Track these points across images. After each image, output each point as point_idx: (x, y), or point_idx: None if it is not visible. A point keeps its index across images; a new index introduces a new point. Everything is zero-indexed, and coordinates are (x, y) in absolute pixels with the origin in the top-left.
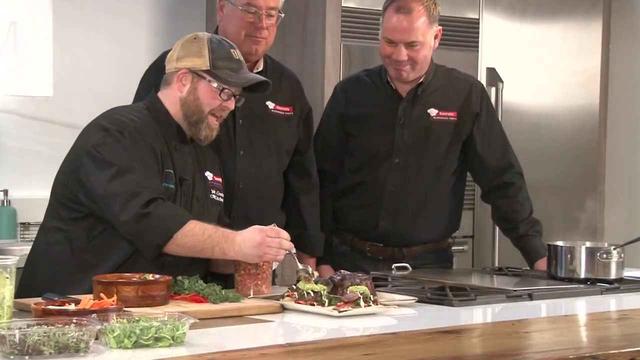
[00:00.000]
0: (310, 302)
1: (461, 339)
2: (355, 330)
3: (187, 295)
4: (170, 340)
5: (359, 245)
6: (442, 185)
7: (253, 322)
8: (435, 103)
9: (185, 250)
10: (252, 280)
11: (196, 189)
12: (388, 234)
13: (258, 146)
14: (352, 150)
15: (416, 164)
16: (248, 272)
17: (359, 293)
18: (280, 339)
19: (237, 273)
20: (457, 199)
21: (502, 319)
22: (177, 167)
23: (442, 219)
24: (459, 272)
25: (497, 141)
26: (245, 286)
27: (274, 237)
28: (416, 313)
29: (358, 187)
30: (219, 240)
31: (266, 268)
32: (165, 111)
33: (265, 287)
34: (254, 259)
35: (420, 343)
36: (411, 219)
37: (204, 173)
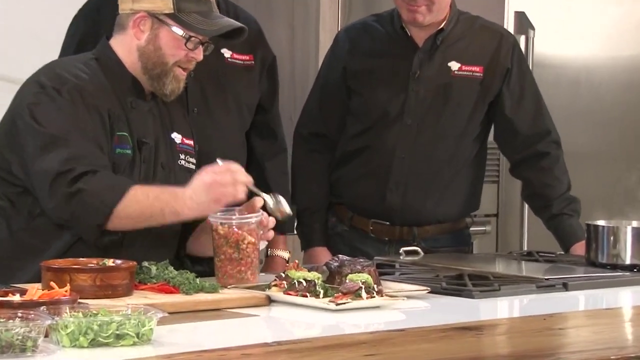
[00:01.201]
0: (302, 293)
1: (482, 337)
2: (355, 326)
3: (155, 284)
4: (134, 338)
5: (360, 224)
6: (463, 154)
7: (234, 316)
8: (458, 55)
9: (132, 222)
10: (234, 266)
11: (160, 154)
12: (396, 210)
13: (214, 102)
14: (356, 110)
15: (432, 127)
16: (229, 256)
17: (360, 282)
18: (266, 337)
19: (217, 258)
20: (478, 171)
21: (531, 313)
22: (134, 129)
23: (460, 193)
24: (480, 257)
25: (530, 103)
26: (226, 273)
27: (224, 173)
28: (428, 306)
29: (361, 153)
30: (168, 200)
31: (251, 251)
32: (118, 62)
33: (250, 273)
34: (212, 206)
35: (433, 342)
36: (424, 192)
37: (170, 135)
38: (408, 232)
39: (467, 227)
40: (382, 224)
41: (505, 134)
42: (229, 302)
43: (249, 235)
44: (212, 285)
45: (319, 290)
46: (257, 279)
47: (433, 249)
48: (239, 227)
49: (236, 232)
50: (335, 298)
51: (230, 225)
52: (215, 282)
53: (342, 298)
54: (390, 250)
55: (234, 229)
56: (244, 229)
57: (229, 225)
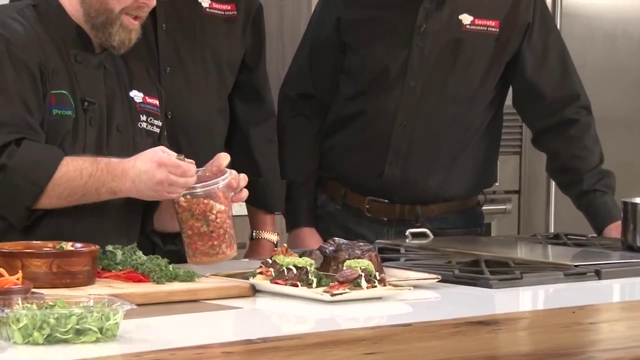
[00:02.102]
0: (292, 282)
1: (500, 333)
2: (354, 320)
3: (121, 271)
4: (97, 334)
5: (354, 202)
6: (474, 121)
7: (213, 309)
8: (470, 7)
9: (63, 202)
10: (205, 241)
11: (115, 116)
12: (395, 185)
13: (189, 60)
14: (351, 69)
15: (439, 90)
16: (197, 230)
17: (359, 269)
18: (250, 332)
19: (184, 234)
20: (493, 142)
21: (558, 306)
22: (78, 87)
23: (471, 167)
24: (499, 240)
25: (555, 63)
26: (197, 250)
27: (178, 174)
28: (439, 297)
29: (356, 119)
30: (104, 179)
31: (222, 221)
32: (60, 9)
33: (225, 246)
34: (153, 198)
35: (444, 338)
36: (429, 165)
37: (128, 93)
38: (410, 212)
39: (478, 205)
40: (379, 202)
41: (526, 99)
42: (207, 292)
43: (217, 203)
44: (187, 273)
45: (312, 279)
46: (234, 250)
47: (440, 230)
48: (205, 195)
49: (202, 202)
50: (331, 288)
51: (194, 195)
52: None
53: (338, 288)
54: (389, 232)
55: (198, 199)
56: (211, 196)
57: (192, 196)
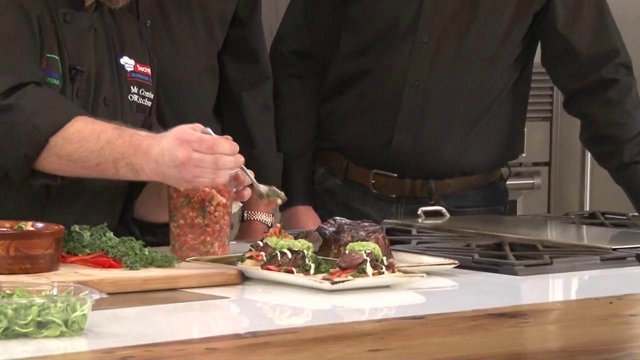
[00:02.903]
0: (286, 268)
1: (527, 326)
2: (358, 312)
3: (89, 255)
4: (61, 327)
5: (358, 176)
6: (497, 82)
7: (195, 298)
8: None
9: (70, 167)
10: (197, 235)
11: (103, 86)
12: (406, 156)
13: (173, 13)
14: (354, 22)
15: (455, 47)
16: (190, 221)
17: (364, 253)
18: (238, 326)
19: (173, 223)
20: (519, 106)
21: (593, 295)
22: (67, 51)
23: (494, 135)
24: (525, 220)
25: (591, 14)
26: (185, 244)
27: (205, 153)
28: (456, 285)
29: (360, 79)
30: (125, 151)
31: (220, 215)
32: None
33: (218, 246)
34: (180, 184)
35: (461, 333)
36: (444, 133)
37: (119, 59)
38: (422, 187)
39: (502, 180)
40: (387, 176)
41: (557, 56)
42: (188, 279)
43: (218, 193)
44: (165, 258)
45: (309, 264)
46: (227, 253)
47: (457, 209)
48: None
49: (202, 190)
50: (331, 275)
51: None
52: (171, 254)
53: (340, 275)
54: (398, 211)
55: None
56: (213, 185)
57: None
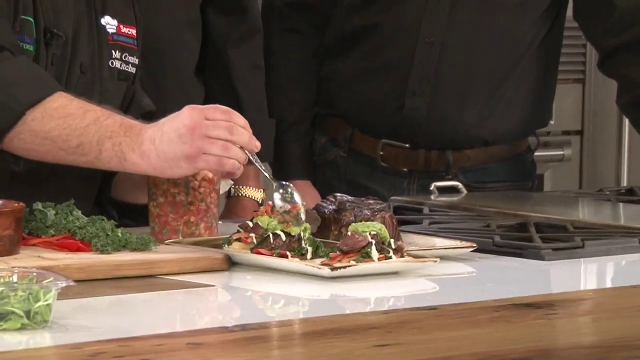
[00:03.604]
0: (279, 252)
1: (556, 318)
2: (361, 302)
3: (54, 237)
4: (22, 319)
5: (364, 146)
6: (523, 38)
7: (175, 287)
8: None
9: (44, 146)
10: (180, 215)
11: (79, 51)
12: (420, 123)
13: None
14: None
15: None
16: (172, 199)
17: (368, 235)
18: (225, 318)
19: (153, 202)
20: (548, 66)
21: (630, 283)
22: (42, 11)
23: (520, 99)
24: (553, 197)
25: None
26: (166, 226)
27: (219, 119)
28: (474, 272)
29: (367, 35)
30: (113, 130)
31: (207, 193)
32: None
33: (204, 227)
34: (180, 165)
35: (480, 326)
36: (463, 97)
37: (99, 20)
38: (439, 159)
39: (529, 151)
40: (398, 147)
41: (591, 8)
42: (167, 264)
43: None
44: (141, 240)
45: (306, 248)
46: (215, 235)
47: (478, 184)
48: None
49: None
50: (331, 259)
51: None
52: (149, 236)
53: (341, 259)
54: (410, 188)
55: None
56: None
57: None
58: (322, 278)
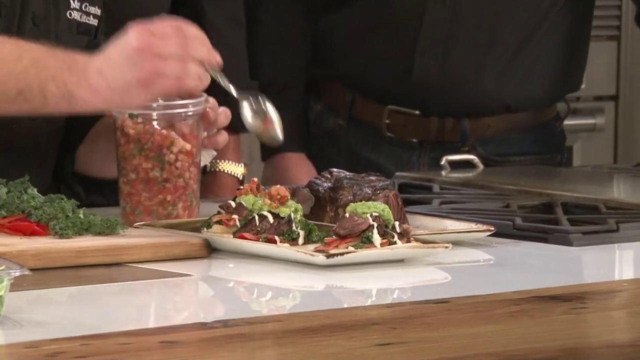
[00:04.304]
0: (266, 236)
1: (586, 313)
2: (361, 294)
3: (6, 219)
4: None
5: (367, 114)
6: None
7: (146, 277)
8: None
9: None
10: (154, 193)
11: (31, 0)
12: (431, 86)
13: None
14: None
15: None
16: (145, 175)
17: (369, 217)
18: (203, 313)
19: (123, 178)
20: (578, 23)
21: None
22: None
23: (546, 60)
24: (584, 172)
25: None
26: (138, 206)
27: (168, 34)
28: (491, 259)
29: None
30: (57, 68)
31: (185, 167)
32: None
33: (182, 207)
34: (134, 94)
35: (499, 322)
36: (481, 57)
37: None
38: (453, 129)
39: (558, 119)
40: (406, 114)
41: None
42: (137, 251)
43: (181, 138)
44: (106, 222)
45: (297, 231)
46: (195, 213)
47: (498, 158)
48: (164, 122)
49: (158, 133)
50: (327, 245)
51: (149, 120)
52: (117, 217)
53: (338, 245)
54: (421, 161)
55: (153, 125)
56: (174, 126)
57: (146, 120)
58: (316, 267)
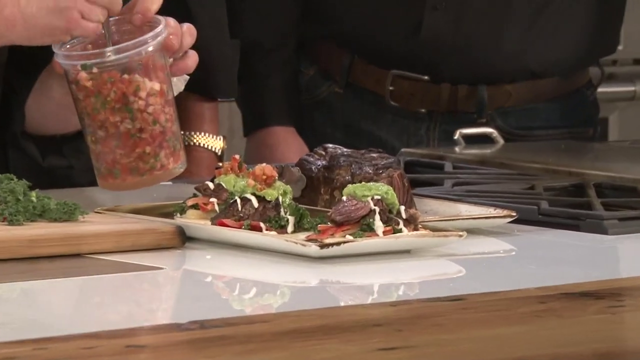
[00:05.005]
0: (251, 223)
1: (623, 312)
2: (361, 291)
3: None
4: None
5: (368, 79)
6: None
7: (110, 269)
8: None
9: None
10: (131, 147)
11: None
12: (443, 48)
13: None
14: None
15: None
16: (114, 130)
17: (370, 201)
18: (178, 312)
19: (90, 137)
20: None
21: None
22: None
23: (577, 16)
24: (620, 148)
25: None
26: (116, 165)
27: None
28: (512, 250)
29: None
30: None
31: (158, 109)
32: None
33: (166, 155)
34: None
35: (522, 323)
36: (502, 13)
37: None
38: (468, 97)
39: (590, 87)
40: (413, 80)
41: None
42: (99, 240)
43: (146, 79)
44: (63, 206)
45: (286, 218)
46: (181, 163)
47: (521, 131)
48: (123, 67)
49: (119, 81)
50: (321, 234)
51: (104, 67)
52: (76, 202)
53: (333, 233)
54: (430, 135)
55: (112, 73)
56: (135, 68)
57: (102, 67)
58: (308, 258)
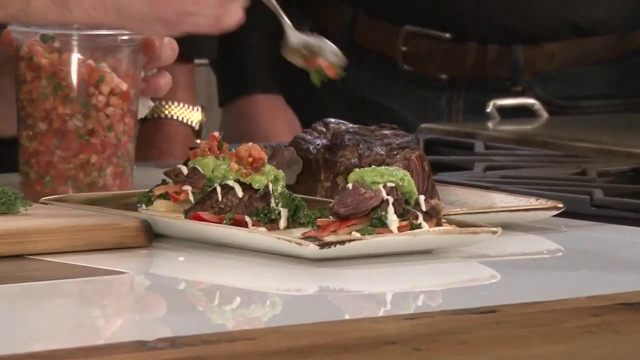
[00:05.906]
0: (234, 217)
1: None
2: (370, 301)
3: None
4: None
5: (375, 38)
6: None
7: (61, 274)
8: None
9: None
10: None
11: None
12: (468, 2)
13: None
14: None
15: None
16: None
17: (382, 189)
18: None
19: (26, 130)
20: None
21: None
22: None
23: None
24: None
25: None
26: (49, 169)
27: None
28: (560, 250)
29: None
30: None
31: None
32: None
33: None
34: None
35: (570, 340)
36: None
37: None
38: (500, 59)
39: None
40: (432, 38)
41: None
42: (47, 237)
43: (113, 73)
44: (1, 196)
45: (277, 210)
46: (129, 183)
47: (566, 102)
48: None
49: (83, 64)
50: (321, 230)
51: (69, 45)
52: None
53: (336, 230)
54: (454, 107)
55: (75, 54)
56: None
57: (66, 45)
58: (304, 261)
